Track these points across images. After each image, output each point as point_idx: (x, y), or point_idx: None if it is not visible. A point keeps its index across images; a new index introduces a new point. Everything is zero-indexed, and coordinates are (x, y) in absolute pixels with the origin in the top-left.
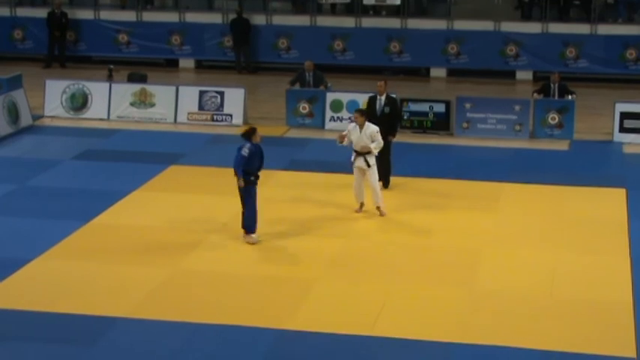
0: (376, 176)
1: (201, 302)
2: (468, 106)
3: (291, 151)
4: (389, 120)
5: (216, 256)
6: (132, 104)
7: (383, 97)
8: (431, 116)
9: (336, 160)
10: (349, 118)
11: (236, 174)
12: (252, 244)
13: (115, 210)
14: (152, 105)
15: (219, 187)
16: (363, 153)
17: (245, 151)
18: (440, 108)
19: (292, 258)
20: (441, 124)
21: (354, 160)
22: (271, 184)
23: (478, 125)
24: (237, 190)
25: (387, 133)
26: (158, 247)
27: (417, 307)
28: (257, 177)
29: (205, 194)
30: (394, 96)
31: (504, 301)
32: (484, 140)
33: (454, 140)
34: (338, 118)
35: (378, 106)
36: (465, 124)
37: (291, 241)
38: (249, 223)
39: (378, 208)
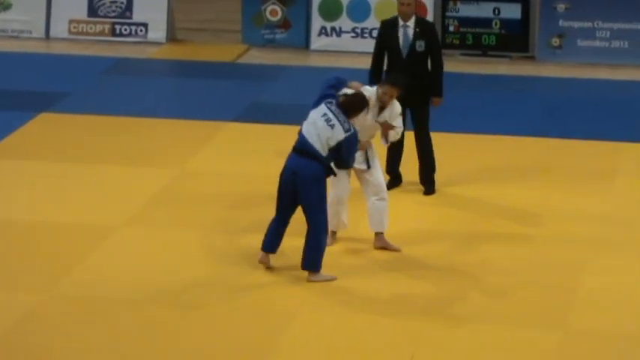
0: (381, 175)
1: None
2: (561, 7)
3: (251, 87)
4: (423, 67)
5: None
6: None
7: (410, 24)
8: (496, 26)
9: None
10: (355, 30)
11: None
12: (323, 281)
13: None
14: (6, 6)
15: (129, 150)
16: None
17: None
18: (512, 12)
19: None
20: (515, 40)
21: None
22: (213, 145)
23: (579, 42)
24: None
25: (422, 94)
26: (15, 263)
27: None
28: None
29: (101, 163)
30: (431, 22)
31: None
32: (590, 68)
33: (537, 69)
34: (333, 30)
35: (402, 41)
36: (555, 41)
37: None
38: (316, 256)
39: (377, 235)
